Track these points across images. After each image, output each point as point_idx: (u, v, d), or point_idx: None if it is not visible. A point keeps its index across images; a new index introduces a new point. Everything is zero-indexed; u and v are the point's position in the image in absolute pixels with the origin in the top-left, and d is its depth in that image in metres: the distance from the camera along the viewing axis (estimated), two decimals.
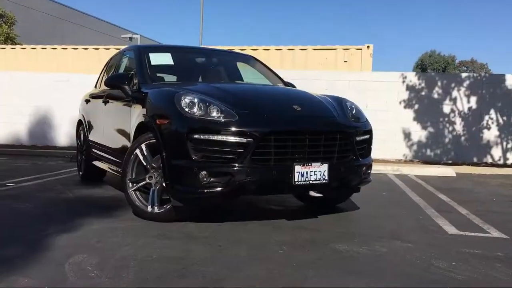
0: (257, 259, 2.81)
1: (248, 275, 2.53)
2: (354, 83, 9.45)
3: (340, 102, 4.18)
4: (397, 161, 9.25)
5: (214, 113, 3.44)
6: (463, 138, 9.31)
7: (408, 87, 9.42)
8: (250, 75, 5.36)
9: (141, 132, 3.87)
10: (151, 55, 4.67)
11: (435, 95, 9.38)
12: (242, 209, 4.37)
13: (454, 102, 9.32)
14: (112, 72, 5.42)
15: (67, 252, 2.82)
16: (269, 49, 11.32)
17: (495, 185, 6.70)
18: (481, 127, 9.26)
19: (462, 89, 9.29)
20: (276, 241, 3.20)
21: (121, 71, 5.14)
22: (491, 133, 9.22)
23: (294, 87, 5.14)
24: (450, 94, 9.33)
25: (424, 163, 9.04)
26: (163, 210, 3.63)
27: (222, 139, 3.36)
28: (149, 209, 3.67)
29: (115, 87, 4.51)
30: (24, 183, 5.57)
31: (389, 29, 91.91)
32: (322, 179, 3.54)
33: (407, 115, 9.41)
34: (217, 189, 3.36)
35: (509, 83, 9.15)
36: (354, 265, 2.76)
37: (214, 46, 10.49)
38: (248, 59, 5.59)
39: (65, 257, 2.71)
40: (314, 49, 11.15)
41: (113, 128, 4.75)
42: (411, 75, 9.53)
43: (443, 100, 9.35)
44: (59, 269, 2.53)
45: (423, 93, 9.39)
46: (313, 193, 4.29)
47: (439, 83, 9.38)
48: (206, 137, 3.36)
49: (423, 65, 47.07)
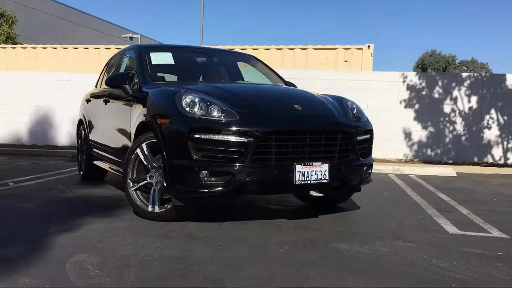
0: (258, 258, 2.81)
1: (249, 274, 2.53)
2: (354, 83, 9.44)
3: (341, 101, 4.17)
4: (398, 161, 9.24)
5: (215, 113, 3.44)
6: (463, 137, 9.30)
7: (408, 87, 9.41)
8: (251, 75, 5.36)
9: (142, 131, 3.87)
10: (151, 55, 4.67)
11: (436, 95, 9.37)
12: (242, 208, 4.37)
13: (454, 101, 9.32)
14: (112, 71, 5.42)
15: (68, 251, 2.83)
16: (270, 49, 11.32)
17: (495, 184, 6.70)
18: (481, 126, 9.26)
19: (462, 88, 9.28)
20: (277, 240, 3.20)
21: (122, 70, 5.14)
22: (492, 132, 9.22)
23: (295, 86, 5.14)
24: (450, 93, 9.33)
25: (424, 163, 9.04)
26: (163, 209, 3.63)
27: (223, 139, 3.36)
28: (149, 208, 3.67)
29: (115, 87, 4.51)
30: (24, 182, 5.58)
31: (390, 28, 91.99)
32: (323, 178, 3.53)
33: (408, 114, 9.41)
34: (218, 189, 3.36)
35: (510, 83, 9.14)
36: (355, 265, 2.76)
37: (214, 45, 10.51)
38: (248, 59, 5.58)
39: (66, 257, 2.71)
40: (314, 48, 11.15)
41: (114, 127, 4.75)
42: (412, 75, 9.53)
43: (444, 99, 9.35)
44: (60, 268, 2.53)
45: (424, 93, 9.39)
46: (314, 193, 4.30)
47: (439, 83, 9.38)
48: (207, 136, 3.37)
49: (424, 65, 47.01)
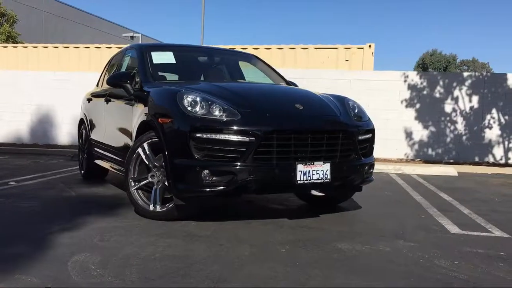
0: (260, 258, 2.81)
1: (250, 274, 2.53)
2: (355, 82, 9.44)
3: (342, 101, 4.17)
4: (399, 160, 9.24)
5: (216, 112, 3.44)
6: (464, 137, 9.30)
7: (409, 86, 9.40)
8: (252, 74, 5.36)
9: (143, 131, 3.87)
10: (153, 54, 4.67)
11: (437, 94, 9.37)
12: (244, 208, 4.37)
13: (455, 101, 9.31)
14: (114, 71, 5.42)
15: (70, 250, 2.83)
16: (271, 48, 11.30)
17: (497, 184, 6.69)
18: (482, 126, 9.25)
19: (463, 88, 9.27)
20: (278, 240, 3.20)
21: (123, 70, 5.14)
22: (493, 132, 9.21)
23: (296, 86, 5.14)
24: (451, 93, 9.32)
25: (425, 162, 9.03)
26: (165, 209, 3.63)
27: (224, 138, 3.36)
28: (151, 208, 3.67)
29: (117, 86, 4.51)
30: (26, 181, 5.58)
31: (390, 28, 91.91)
32: (324, 178, 3.53)
33: (409, 114, 9.40)
34: (219, 188, 3.36)
35: (511, 83, 9.13)
36: (357, 264, 2.76)
37: (215, 45, 10.50)
38: (250, 58, 5.58)
39: (68, 256, 2.72)
40: (315, 48, 11.13)
41: (115, 126, 4.75)
42: (413, 74, 9.52)
43: (445, 99, 9.34)
44: (62, 267, 2.54)
45: (425, 92, 9.38)
46: (315, 192, 4.30)
47: (440, 82, 9.37)
48: (208, 136, 3.37)
49: (424, 64, 47.00)
